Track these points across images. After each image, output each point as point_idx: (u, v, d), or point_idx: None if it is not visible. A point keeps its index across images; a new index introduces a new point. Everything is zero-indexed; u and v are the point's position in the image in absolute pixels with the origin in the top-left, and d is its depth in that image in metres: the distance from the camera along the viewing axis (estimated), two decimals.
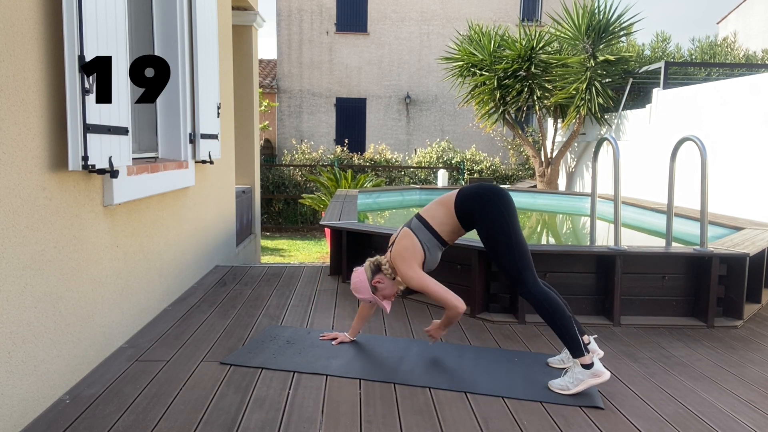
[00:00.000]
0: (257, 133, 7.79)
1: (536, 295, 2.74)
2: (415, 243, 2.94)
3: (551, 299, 2.73)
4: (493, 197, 2.84)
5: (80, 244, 2.80)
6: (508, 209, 2.83)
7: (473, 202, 2.86)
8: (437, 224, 2.95)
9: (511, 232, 2.79)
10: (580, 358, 2.67)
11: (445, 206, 2.96)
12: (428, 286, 2.89)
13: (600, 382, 2.67)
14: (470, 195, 2.88)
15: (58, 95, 2.60)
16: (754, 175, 6.84)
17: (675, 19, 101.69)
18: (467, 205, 2.88)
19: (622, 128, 10.44)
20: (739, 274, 3.85)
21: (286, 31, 17.49)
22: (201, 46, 4.48)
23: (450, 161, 14.16)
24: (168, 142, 4.22)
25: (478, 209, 2.84)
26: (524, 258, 2.79)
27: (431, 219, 2.97)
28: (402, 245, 2.96)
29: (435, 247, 2.98)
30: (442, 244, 3.00)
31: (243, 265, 5.43)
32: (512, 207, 2.86)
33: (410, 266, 2.92)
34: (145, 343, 3.27)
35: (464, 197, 2.90)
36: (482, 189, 2.88)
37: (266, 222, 13.04)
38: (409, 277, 2.91)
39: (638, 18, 17.14)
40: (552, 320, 2.71)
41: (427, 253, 2.97)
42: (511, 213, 2.83)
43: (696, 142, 3.91)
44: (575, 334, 2.68)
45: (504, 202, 2.84)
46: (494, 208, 2.81)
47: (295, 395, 2.65)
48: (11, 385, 2.26)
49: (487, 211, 2.82)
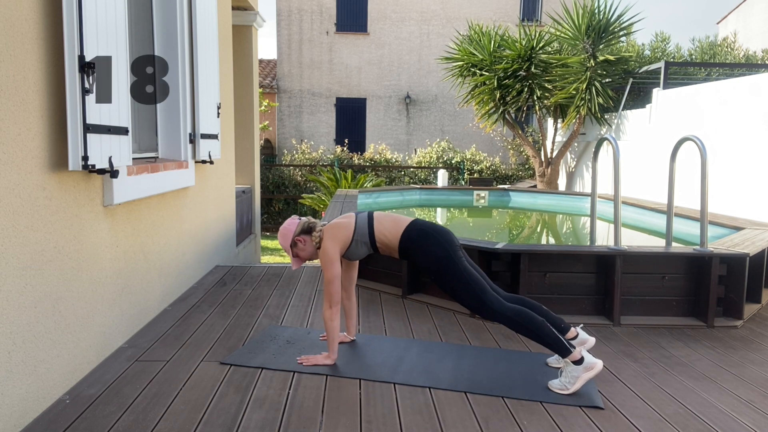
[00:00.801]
0: (257, 133, 7.79)
1: (502, 313, 2.76)
2: (350, 230, 2.97)
3: (518, 312, 2.75)
4: (436, 234, 2.88)
5: (80, 244, 2.80)
6: (450, 243, 2.87)
7: (419, 236, 2.89)
8: (379, 232, 2.97)
9: (455, 262, 2.83)
10: (569, 356, 2.69)
11: (396, 226, 2.97)
12: (328, 273, 2.92)
13: (595, 373, 2.69)
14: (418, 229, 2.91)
15: (58, 95, 2.60)
16: (754, 175, 6.83)
17: (675, 19, 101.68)
18: (409, 250, 2.92)
19: (622, 128, 10.44)
20: (739, 274, 3.85)
21: (286, 31, 17.49)
22: (201, 46, 4.48)
23: (450, 161, 14.15)
24: (168, 142, 4.22)
25: (420, 243, 2.88)
26: (477, 283, 2.81)
27: (378, 224, 2.99)
28: (339, 223, 3.00)
29: (363, 245, 3.01)
30: (372, 249, 3.03)
31: (243, 265, 5.43)
32: (449, 237, 2.90)
33: (333, 244, 2.95)
34: (145, 343, 3.27)
35: (413, 227, 2.93)
36: (431, 228, 2.92)
37: (266, 222, 13.04)
38: (325, 250, 2.94)
39: (638, 18, 17.14)
40: (526, 331, 2.74)
41: (353, 245, 2.99)
42: (453, 246, 2.87)
43: (696, 142, 3.91)
44: (554, 336, 2.70)
45: (445, 238, 2.88)
46: (435, 242, 2.86)
47: (295, 395, 2.65)
48: (11, 385, 2.26)
49: (428, 245, 2.86)
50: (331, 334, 2.98)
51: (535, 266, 3.89)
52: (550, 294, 3.91)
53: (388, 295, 4.39)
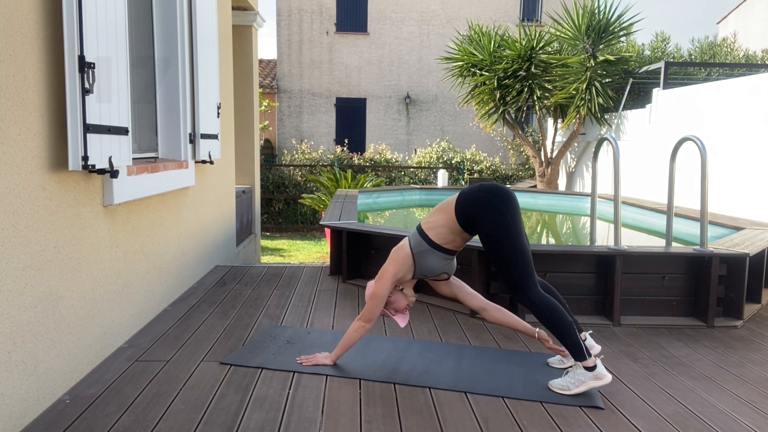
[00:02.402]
0: (257, 133, 7.79)
1: (536, 302, 2.66)
2: (405, 248, 2.85)
3: (551, 305, 2.66)
4: (493, 199, 2.66)
5: (80, 244, 2.80)
6: (510, 211, 2.67)
7: (473, 207, 2.70)
8: (436, 236, 2.79)
9: (513, 236, 2.64)
10: (583, 362, 2.67)
11: (446, 214, 2.79)
12: (378, 284, 2.82)
13: (602, 384, 2.66)
14: (470, 199, 2.70)
15: (58, 95, 2.60)
16: (754, 175, 6.83)
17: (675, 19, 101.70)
18: (467, 211, 2.71)
19: (622, 128, 10.44)
20: (739, 274, 3.85)
21: (286, 31, 17.49)
22: (201, 46, 4.48)
23: (450, 161, 14.16)
24: (168, 142, 4.22)
25: (478, 214, 2.68)
26: (526, 263, 2.67)
27: (432, 231, 2.81)
28: (395, 254, 2.87)
29: (427, 253, 2.82)
30: (438, 249, 2.82)
31: (243, 265, 5.43)
32: (515, 207, 2.69)
33: (393, 266, 2.83)
34: (145, 343, 3.27)
35: (463, 202, 2.72)
36: (482, 191, 2.71)
37: (266, 222, 13.03)
38: (382, 274, 2.84)
39: (638, 18, 17.12)
40: (553, 327, 2.65)
41: (416, 259, 2.83)
42: (513, 215, 2.67)
43: (696, 142, 3.91)
44: (577, 340, 2.64)
45: (506, 203, 2.67)
46: (495, 210, 2.66)
47: (295, 395, 2.65)
48: (11, 385, 2.26)
49: (487, 215, 2.67)
50: (347, 343, 2.90)
51: (535, 266, 3.89)
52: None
53: None
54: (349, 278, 4.83)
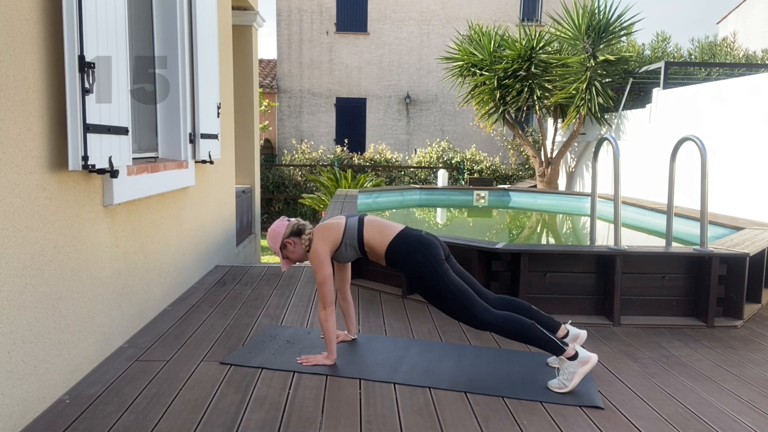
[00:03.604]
0: (257, 133, 7.79)
1: (492, 323, 2.74)
2: (339, 232, 2.95)
3: (507, 319, 2.73)
4: (413, 249, 2.82)
5: (80, 244, 2.80)
6: (432, 254, 2.81)
7: (400, 261, 2.85)
8: (367, 239, 2.94)
9: (441, 275, 2.77)
10: (563, 354, 2.70)
11: (383, 235, 2.92)
12: (320, 274, 2.89)
13: (591, 366, 2.70)
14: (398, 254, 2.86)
15: (58, 95, 2.60)
16: (754, 175, 6.83)
17: (675, 19, 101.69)
18: (394, 261, 2.88)
19: (622, 128, 10.44)
20: (739, 274, 3.85)
21: (286, 31, 17.49)
22: (201, 46, 4.48)
23: (450, 161, 14.15)
24: (168, 142, 4.22)
25: (403, 262, 2.84)
26: (464, 295, 2.76)
27: (368, 230, 2.95)
28: (329, 224, 2.98)
29: (352, 248, 2.99)
30: (361, 253, 3.01)
31: (243, 265, 5.43)
32: (434, 249, 2.84)
33: (323, 245, 2.93)
34: (145, 343, 3.27)
35: (393, 253, 2.87)
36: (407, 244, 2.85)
37: (266, 222, 13.03)
38: (315, 252, 2.92)
39: (638, 18, 17.12)
40: (517, 336, 2.72)
41: (342, 248, 2.98)
42: (435, 256, 2.82)
43: (696, 142, 3.91)
44: (546, 337, 2.69)
45: (426, 248, 2.83)
46: (417, 257, 2.81)
47: (295, 395, 2.65)
48: (11, 385, 2.26)
49: (412, 264, 2.82)
50: (328, 335, 2.97)
51: (535, 266, 3.89)
52: (550, 294, 3.91)
53: (388, 295, 4.39)
54: None
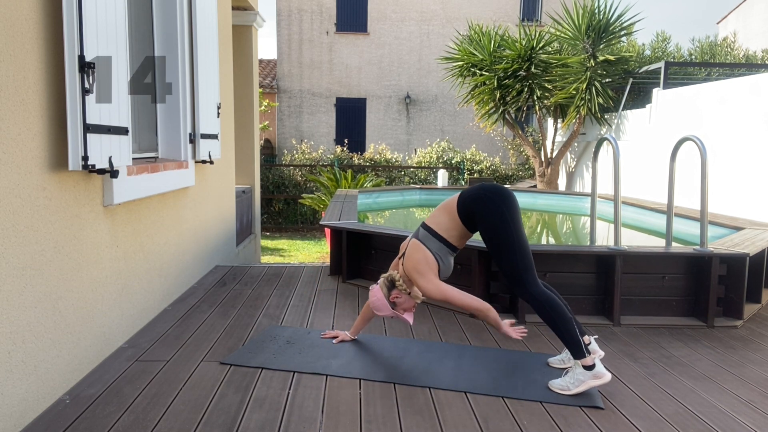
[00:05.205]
0: (257, 133, 7.79)
1: (536, 297, 2.72)
2: (426, 254, 2.90)
3: (552, 301, 2.71)
4: (494, 197, 2.80)
5: (80, 244, 2.80)
6: (510, 208, 2.79)
7: (474, 204, 2.82)
8: (443, 230, 2.91)
9: (512, 232, 2.75)
10: (581, 360, 2.67)
11: (448, 211, 2.92)
12: (450, 295, 2.84)
13: (601, 383, 2.66)
14: (471, 197, 2.85)
15: (58, 95, 2.60)
16: (754, 175, 6.83)
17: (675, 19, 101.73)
18: (468, 208, 2.85)
19: (622, 128, 10.44)
20: (739, 274, 3.85)
21: (286, 31, 17.49)
22: (201, 46, 4.48)
23: (450, 161, 14.15)
24: (168, 142, 4.22)
25: (479, 211, 2.81)
26: (525, 258, 2.75)
27: (437, 226, 2.93)
28: (415, 259, 2.91)
29: (446, 254, 2.95)
30: (453, 250, 2.96)
31: (243, 265, 5.43)
32: (514, 205, 2.82)
33: (427, 279, 2.87)
34: (145, 343, 3.27)
35: (465, 200, 2.86)
36: (483, 189, 2.84)
37: (266, 222, 13.03)
38: (428, 289, 2.86)
39: (638, 18, 17.13)
40: (553, 322, 2.69)
41: (440, 261, 2.93)
42: (513, 212, 2.79)
43: (696, 142, 3.91)
44: (576, 336, 2.66)
45: (505, 201, 2.80)
46: (495, 208, 2.78)
47: (295, 395, 2.65)
48: (11, 385, 2.26)
49: (487, 212, 2.78)
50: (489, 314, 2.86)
51: (536, 266, 3.89)
52: None
53: None
54: (349, 278, 4.83)
